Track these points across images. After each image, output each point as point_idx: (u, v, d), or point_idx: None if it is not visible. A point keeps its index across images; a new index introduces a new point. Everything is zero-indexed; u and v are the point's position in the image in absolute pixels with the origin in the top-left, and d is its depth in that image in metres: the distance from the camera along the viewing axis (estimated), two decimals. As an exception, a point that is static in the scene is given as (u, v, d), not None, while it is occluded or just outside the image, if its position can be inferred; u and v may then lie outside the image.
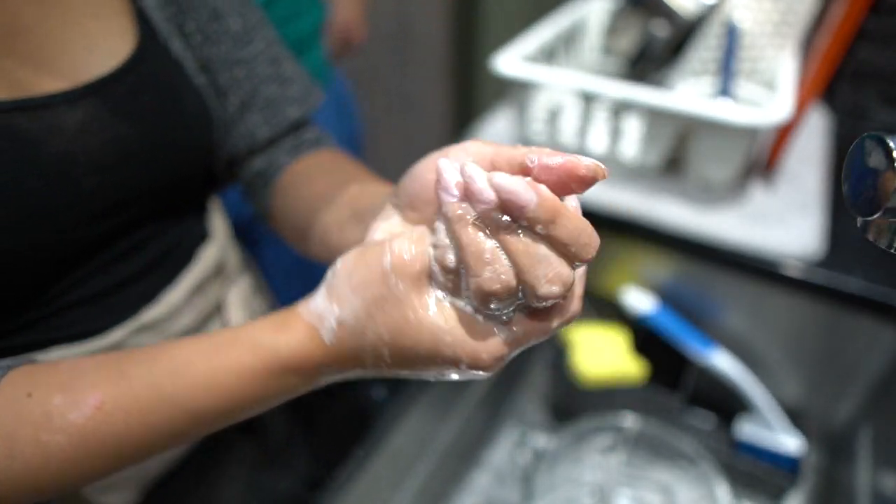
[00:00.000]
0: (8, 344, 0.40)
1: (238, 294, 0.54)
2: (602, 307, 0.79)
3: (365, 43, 1.15)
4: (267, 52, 0.49)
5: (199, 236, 0.51)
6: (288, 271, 0.92)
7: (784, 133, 0.76)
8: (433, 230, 0.29)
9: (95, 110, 0.39)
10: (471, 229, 0.26)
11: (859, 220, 0.35)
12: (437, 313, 0.28)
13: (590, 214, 0.77)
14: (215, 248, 0.51)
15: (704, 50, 0.81)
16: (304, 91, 0.51)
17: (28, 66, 0.37)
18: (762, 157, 0.80)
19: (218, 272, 0.51)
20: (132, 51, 0.41)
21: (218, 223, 0.54)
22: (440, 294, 0.28)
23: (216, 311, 0.51)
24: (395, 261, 0.28)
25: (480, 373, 0.29)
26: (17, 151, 0.35)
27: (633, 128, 0.79)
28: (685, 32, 0.86)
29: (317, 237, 0.43)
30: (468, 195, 0.26)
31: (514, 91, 0.81)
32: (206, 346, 0.31)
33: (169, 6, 0.44)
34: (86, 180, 0.38)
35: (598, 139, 0.81)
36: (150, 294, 0.45)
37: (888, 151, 0.31)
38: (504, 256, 0.26)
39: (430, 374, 0.30)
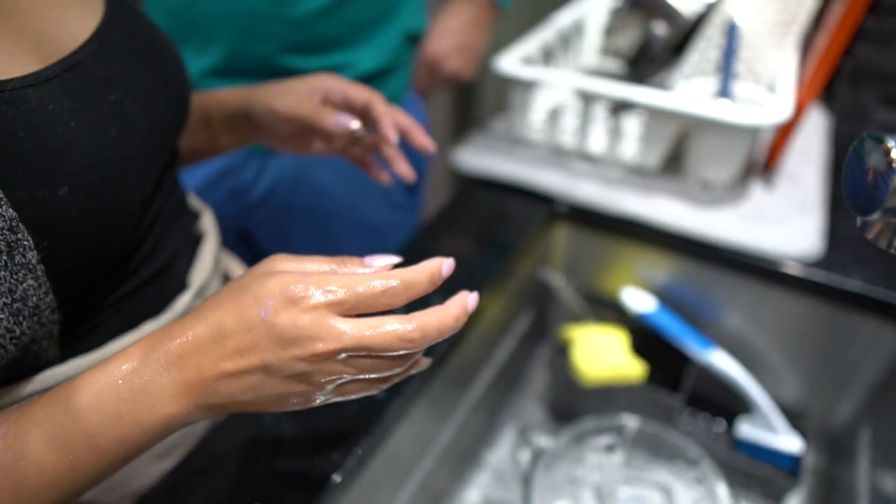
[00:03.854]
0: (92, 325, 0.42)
1: (235, 260, 0.61)
2: (602, 307, 0.79)
3: (464, 80, 0.99)
4: None
5: (194, 211, 0.56)
6: None
7: (784, 133, 0.76)
8: None
9: (111, 58, 0.40)
10: None
11: (859, 220, 0.35)
12: None
13: (590, 214, 0.77)
14: (210, 218, 0.57)
15: (704, 50, 0.81)
16: None
17: (39, 27, 0.38)
18: (761, 157, 0.80)
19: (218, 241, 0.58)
20: (105, 4, 0.43)
21: (193, 196, 0.58)
22: None
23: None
24: None
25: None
26: (89, 109, 0.37)
27: (632, 128, 0.79)
28: (685, 32, 0.86)
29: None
30: None
31: (514, 91, 0.81)
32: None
33: None
34: (139, 122, 0.40)
35: (597, 139, 0.81)
36: (186, 267, 0.50)
37: (887, 151, 0.31)
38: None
39: None
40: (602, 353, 0.72)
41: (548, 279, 0.81)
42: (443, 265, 0.35)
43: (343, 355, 0.32)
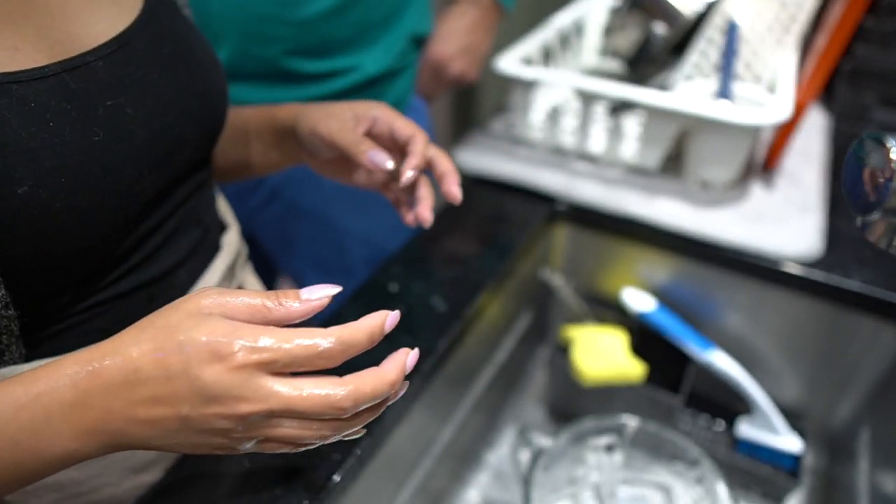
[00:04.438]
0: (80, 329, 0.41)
1: (251, 273, 0.60)
2: (602, 307, 0.79)
3: (469, 83, 0.99)
4: None
5: (221, 224, 0.55)
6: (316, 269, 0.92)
7: (783, 133, 0.76)
8: None
9: (127, 62, 0.40)
10: None
11: (858, 220, 0.35)
12: None
13: (590, 214, 0.77)
14: (235, 234, 0.56)
15: (704, 50, 0.81)
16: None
17: (63, 25, 0.38)
18: (761, 157, 0.80)
19: (238, 256, 0.56)
20: (143, 5, 0.43)
21: (226, 209, 0.58)
22: None
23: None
24: None
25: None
26: (78, 111, 0.36)
27: (632, 128, 0.79)
28: (685, 32, 0.86)
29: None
30: None
31: (514, 91, 0.81)
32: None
33: None
34: (138, 130, 0.40)
35: (597, 139, 0.81)
36: (189, 281, 0.49)
37: (887, 151, 0.32)
38: None
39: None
40: (602, 353, 0.72)
41: (548, 279, 0.81)
42: (385, 321, 0.33)
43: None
